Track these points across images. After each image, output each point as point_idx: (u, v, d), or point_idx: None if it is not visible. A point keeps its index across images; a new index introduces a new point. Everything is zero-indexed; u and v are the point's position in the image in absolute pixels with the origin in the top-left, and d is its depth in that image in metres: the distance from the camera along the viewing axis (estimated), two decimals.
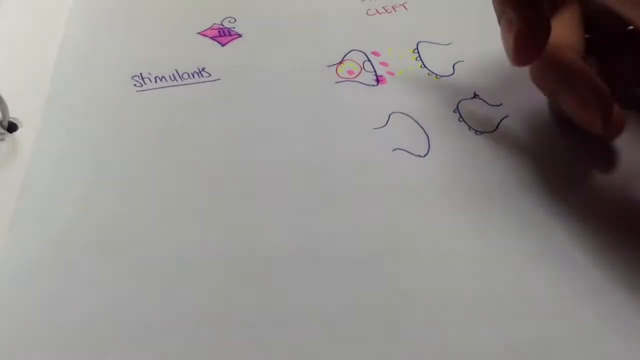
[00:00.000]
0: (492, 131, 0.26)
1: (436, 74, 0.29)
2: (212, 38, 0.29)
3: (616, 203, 0.24)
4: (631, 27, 0.26)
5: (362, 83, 0.28)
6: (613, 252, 0.22)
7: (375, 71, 0.29)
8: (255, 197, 0.23)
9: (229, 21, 0.31)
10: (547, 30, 0.23)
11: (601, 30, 0.27)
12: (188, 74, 0.27)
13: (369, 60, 0.29)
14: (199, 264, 0.21)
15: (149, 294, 0.20)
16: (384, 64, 0.29)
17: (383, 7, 0.33)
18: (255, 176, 0.24)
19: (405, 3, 0.33)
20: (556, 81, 0.25)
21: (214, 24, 0.30)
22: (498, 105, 0.27)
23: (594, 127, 0.24)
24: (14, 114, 0.25)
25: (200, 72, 0.28)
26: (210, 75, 0.27)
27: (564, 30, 0.25)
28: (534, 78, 0.26)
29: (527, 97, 0.28)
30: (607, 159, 0.25)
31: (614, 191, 0.24)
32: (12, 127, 0.25)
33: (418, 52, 0.30)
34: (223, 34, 0.30)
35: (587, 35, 0.26)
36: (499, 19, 0.25)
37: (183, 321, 0.20)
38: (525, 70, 0.28)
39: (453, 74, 0.29)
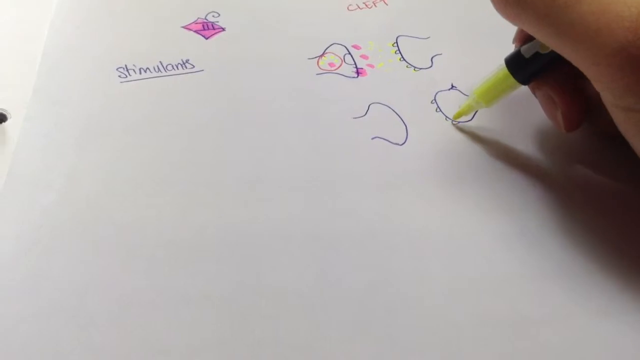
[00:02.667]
0: (468, 121, 0.27)
1: (415, 67, 0.30)
2: (196, 31, 0.30)
3: (585, 190, 0.25)
4: None
5: (342, 75, 0.29)
6: (581, 235, 0.23)
7: (355, 64, 0.29)
8: (237, 183, 0.24)
9: (213, 15, 0.31)
10: (584, 106, 0.24)
11: None
12: (172, 66, 0.28)
13: (350, 53, 0.30)
14: (179, 247, 0.22)
15: (129, 276, 0.21)
16: (364, 56, 0.30)
17: (364, 3, 0.33)
18: (237, 163, 0.25)
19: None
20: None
21: (198, 18, 0.31)
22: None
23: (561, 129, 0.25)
24: (2, 105, 0.25)
25: (184, 63, 0.28)
26: (194, 66, 0.28)
27: None
28: None
29: None
30: (580, 150, 0.26)
31: (584, 178, 0.25)
32: (0, 118, 0.25)
33: (397, 45, 0.31)
34: (207, 28, 0.30)
35: None
36: (533, 91, 0.25)
37: (164, 301, 0.20)
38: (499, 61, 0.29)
39: (431, 66, 0.30)
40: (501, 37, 0.29)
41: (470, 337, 0.20)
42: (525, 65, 0.24)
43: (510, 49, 0.26)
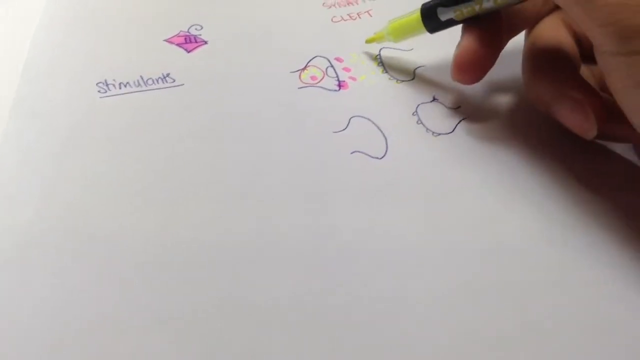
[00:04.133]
0: (449, 133, 0.27)
1: (397, 79, 0.29)
2: (178, 45, 0.30)
3: (567, 200, 0.24)
4: None
5: (324, 88, 0.29)
6: (562, 251, 0.23)
7: (337, 76, 0.29)
8: (217, 199, 0.24)
9: (196, 28, 0.31)
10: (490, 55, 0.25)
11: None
12: (153, 80, 0.28)
13: (332, 66, 0.30)
14: (158, 264, 0.22)
15: (107, 295, 0.21)
16: (346, 69, 0.30)
17: (348, 15, 0.33)
18: (218, 180, 0.24)
19: (370, 10, 0.33)
20: (550, 89, 0.25)
21: (181, 31, 0.31)
22: (456, 108, 0.28)
23: (586, 133, 0.24)
24: None
25: (164, 77, 0.28)
26: (174, 80, 0.28)
27: (557, 39, 0.26)
28: (529, 92, 0.26)
29: (485, 100, 0.29)
30: (560, 159, 0.26)
31: (565, 190, 0.25)
32: None
33: (380, 57, 0.31)
34: (189, 41, 0.30)
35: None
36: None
37: (140, 320, 0.20)
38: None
39: (414, 78, 0.30)
40: None
41: (454, 354, 0.20)
42: (438, 24, 0.27)
43: (499, 58, 0.27)
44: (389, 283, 0.22)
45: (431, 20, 0.27)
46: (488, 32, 0.26)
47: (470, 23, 0.26)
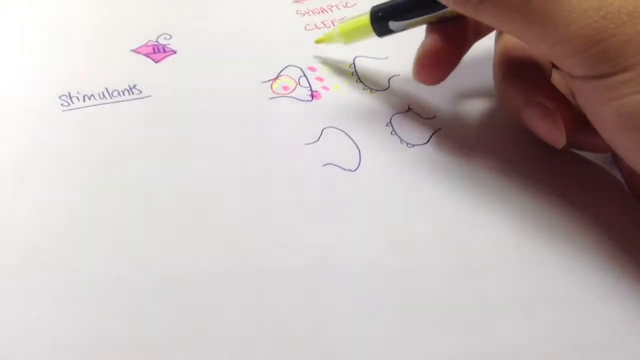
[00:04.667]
0: (424, 144, 0.26)
1: (371, 89, 0.29)
2: (146, 55, 0.29)
3: (542, 213, 0.24)
4: None
5: (296, 98, 0.28)
6: (535, 267, 0.22)
7: (310, 86, 0.29)
8: (186, 215, 0.23)
9: (165, 38, 0.30)
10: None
11: None
12: (118, 92, 0.27)
13: (305, 76, 0.29)
14: (119, 289, 0.21)
15: (68, 314, 0.20)
16: (319, 79, 0.29)
17: (322, 22, 0.33)
18: (187, 194, 0.24)
19: (344, 18, 0.33)
20: (521, 96, 0.25)
21: (149, 40, 0.30)
22: (431, 118, 0.28)
23: (556, 141, 0.24)
24: None
25: (130, 89, 0.27)
26: (141, 92, 0.27)
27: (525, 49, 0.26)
28: (500, 98, 0.26)
29: (461, 110, 0.28)
30: (536, 171, 0.26)
31: (540, 204, 0.24)
32: None
33: (354, 66, 0.30)
34: (157, 51, 0.29)
35: None
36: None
37: (103, 341, 0.19)
38: (459, 83, 0.28)
39: (388, 88, 0.29)
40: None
41: None
42: (388, 30, 0.27)
43: (475, 68, 0.26)
44: (359, 300, 0.21)
45: (380, 25, 0.27)
46: (453, 31, 0.25)
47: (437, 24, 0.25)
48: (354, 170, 0.25)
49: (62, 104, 0.26)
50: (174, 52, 0.30)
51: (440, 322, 0.20)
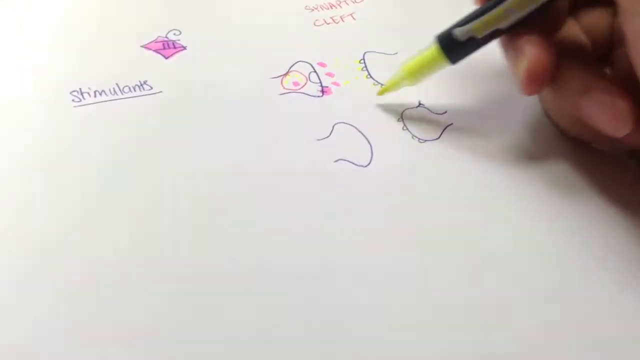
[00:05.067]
0: (436, 139, 0.26)
1: (382, 84, 0.29)
2: (156, 51, 0.29)
3: (557, 208, 0.24)
4: None
5: (307, 94, 0.28)
6: (551, 262, 0.22)
7: (320, 82, 0.29)
8: (196, 211, 0.23)
9: (174, 34, 0.30)
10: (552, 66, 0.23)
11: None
12: (129, 88, 0.27)
13: (315, 71, 0.29)
14: (130, 285, 0.20)
15: (74, 313, 0.20)
16: (329, 74, 0.29)
17: (331, 17, 0.33)
18: (197, 189, 0.24)
19: (353, 13, 0.33)
20: (579, 85, 0.23)
21: (159, 36, 0.30)
22: (442, 114, 0.28)
23: (620, 128, 0.22)
24: None
25: (141, 85, 0.27)
26: (151, 88, 0.27)
27: (579, 36, 0.25)
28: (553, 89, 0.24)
29: (471, 105, 0.28)
30: (551, 165, 0.25)
31: (555, 198, 0.24)
32: None
33: (364, 62, 0.30)
34: (167, 47, 0.29)
35: None
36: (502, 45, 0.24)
37: (108, 339, 0.19)
38: (470, 78, 0.28)
39: None
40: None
41: None
42: (459, 48, 0.24)
43: (485, 63, 0.26)
44: (374, 296, 0.21)
45: (450, 48, 0.25)
46: (542, 36, 0.23)
47: (518, 31, 0.24)
48: (366, 166, 0.25)
49: (73, 100, 0.26)
50: (184, 48, 0.30)
51: (456, 319, 0.20)
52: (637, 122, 0.22)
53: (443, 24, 0.31)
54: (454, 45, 0.24)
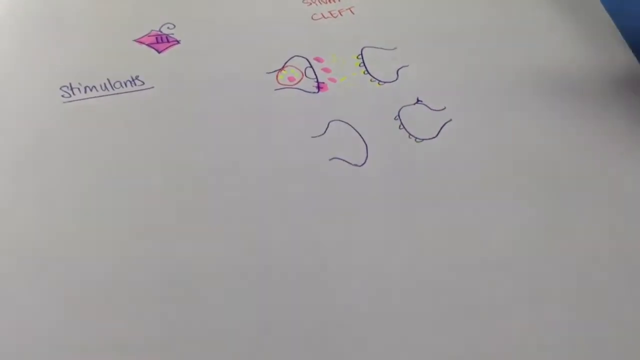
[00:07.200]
0: (433, 137, 0.26)
1: (379, 80, 0.28)
2: (149, 45, 0.29)
3: (555, 207, 0.23)
4: None
5: (302, 90, 0.27)
6: (551, 257, 0.22)
7: (317, 78, 0.28)
8: (189, 208, 0.22)
9: (168, 27, 0.30)
10: None
11: None
12: (120, 83, 0.26)
13: (311, 67, 0.28)
14: (126, 283, 0.20)
15: (69, 316, 0.19)
16: (326, 70, 0.28)
17: (329, 11, 0.32)
18: (190, 186, 0.23)
19: (352, 7, 0.32)
20: None
21: (152, 30, 0.29)
22: (441, 110, 0.27)
23: None
24: None
25: (133, 80, 0.27)
26: (143, 83, 0.27)
27: None
28: None
29: (472, 99, 0.27)
30: (552, 164, 0.25)
31: (555, 198, 0.24)
32: None
33: (362, 57, 0.29)
34: (160, 41, 0.29)
35: None
36: None
37: (105, 343, 0.19)
38: (470, 70, 0.27)
39: (397, 79, 0.28)
40: (470, 49, 0.28)
41: None
42: None
43: (485, 60, 0.25)
44: (363, 306, 0.20)
45: None
46: None
47: None
48: (361, 166, 0.24)
49: (62, 95, 0.26)
50: (178, 42, 0.29)
51: (455, 319, 0.20)
52: None
53: (444, 19, 0.31)
54: None
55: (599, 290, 0.21)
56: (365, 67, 0.29)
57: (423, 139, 0.25)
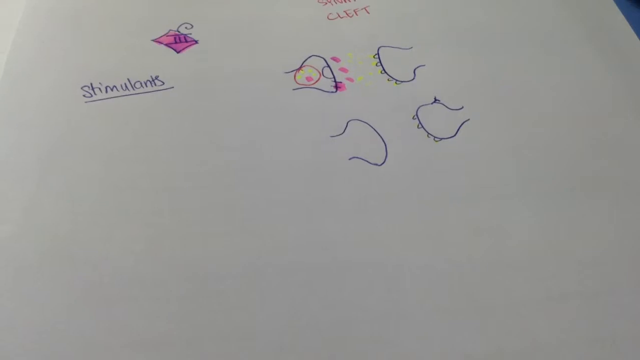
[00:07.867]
0: (452, 137, 0.26)
1: (396, 80, 0.28)
2: (167, 45, 0.29)
3: (575, 207, 0.23)
4: None
5: (320, 90, 0.27)
6: (568, 258, 0.22)
7: (334, 77, 0.28)
8: (209, 208, 0.23)
9: (186, 27, 0.30)
10: None
11: None
12: (140, 83, 0.27)
13: (329, 66, 0.29)
14: (147, 281, 0.20)
15: (90, 314, 0.20)
16: (343, 69, 0.29)
17: (345, 11, 0.32)
18: (209, 187, 0.23)
19: (367, 7, 0.32)
20: None
21: (170, 30, 0.29)
22: (459, 109, 0.27)
23: None
24: None
25: (153, 80, 0.27)
26: (163, 83, 0.27)
27: None
28: None
29: (490, 98, 0.27)
30: (572, 162, 0.25)
31: (575, 198, 0.24)
32: None
33: (379, 57, 0.29)
34: (179, 41, 0.29)
35: None
36: None
37: (120, 345, 0.19)
38: (487, 68, 0.27)
39: (414, 78, 0.28)
40: (487, 48, 0.28)
41: None
42: None
43: (501, 59, 0.25)
44: (383, 303, 0.21)
45: None
46: None
47: None
48: (381, 165, 0.24)
49: (84, 95, 0.26)
50: (196, 42, 0.29)
51: (473, 319, 0.20)
52: None
53: (459, 18, 0.31)
54: None
55: (615, 291, 0.21)
56: (382, 67, 0.29)
57: (442, 138, 0.26)
